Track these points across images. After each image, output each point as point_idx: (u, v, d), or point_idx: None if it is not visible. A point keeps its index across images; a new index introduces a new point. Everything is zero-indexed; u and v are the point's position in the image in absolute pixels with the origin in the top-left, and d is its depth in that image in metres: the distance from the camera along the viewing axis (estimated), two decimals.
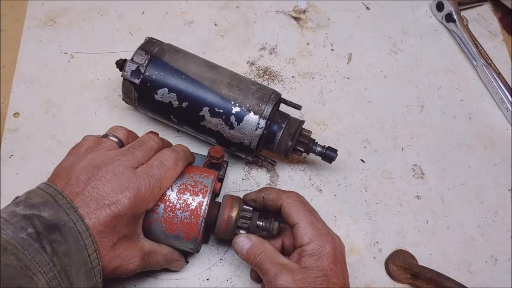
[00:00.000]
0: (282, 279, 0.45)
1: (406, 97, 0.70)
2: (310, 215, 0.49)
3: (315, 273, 0.45)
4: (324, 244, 0.47)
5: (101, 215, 0.42)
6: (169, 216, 0.48)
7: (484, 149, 0.66)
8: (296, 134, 0.55)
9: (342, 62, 0.72)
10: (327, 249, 0.47)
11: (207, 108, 0.54)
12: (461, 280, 0.53)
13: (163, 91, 0.54)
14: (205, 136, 0.58)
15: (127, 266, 0.45)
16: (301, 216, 0.48)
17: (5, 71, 0.66)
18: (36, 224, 0.39)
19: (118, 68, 0.57)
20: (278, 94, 0.56)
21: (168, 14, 0.73)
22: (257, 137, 0.54)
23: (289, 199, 0.50)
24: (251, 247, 0.48)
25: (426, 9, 0.78)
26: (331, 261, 0.46)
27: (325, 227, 0.49)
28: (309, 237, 0.47)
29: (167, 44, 0.58)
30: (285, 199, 0.50)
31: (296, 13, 0.76)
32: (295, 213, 0.49)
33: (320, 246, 0.47)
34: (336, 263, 0.47)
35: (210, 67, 0.56)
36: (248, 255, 0.48)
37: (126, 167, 0.45)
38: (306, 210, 0.49)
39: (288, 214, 0.49)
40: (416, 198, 0.62)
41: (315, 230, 0.48)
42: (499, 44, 0.76)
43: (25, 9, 0.71)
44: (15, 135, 0.61)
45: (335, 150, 0.57)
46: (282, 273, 0.45)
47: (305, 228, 0.48)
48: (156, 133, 0.52)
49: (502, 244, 0.60)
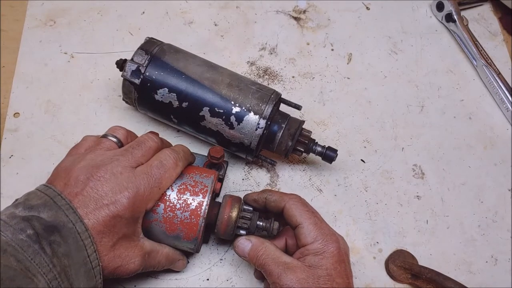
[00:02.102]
0: (286, 279, 0.45)
1: (406, 97, 0.70)
2: (313, 215, 0.49)
3: (319, 272, 0.45)
4: (328, 243, 0.47)
5: (100, 215, 0.42)
6: (169, 216, 0.48)
7: (484, 149, 0.66)
8: (296, 134, 0.55)
9: (342, 62, 0.72)
10: (331, 249, 0.47)
11: (207, 108, 0.54)
12: (461, 280, 0.53)
13: (163, 91, 0.54)
14: (205, 136, 0.58)
15: (128, 266, 0.45)
16: (305, 217, 0.48)
17: (5, 71, 0.66)
18: (35, 226, 0.39)
19: (118, 68, 0.57)
20: (278, 94, 0.56)
21: (168, 14, 0.73)
22: (257, 137, 0.54)
23: (292, 201, 0.50)
24: (252, 248, 0.48)
25: (426, 9, 0.78)
26: (335, 261, 0.46)
27: (328, 228, 0.49)
28: (313, 236, 0.47)
29: (167, 44, 0.58)
30: (288, 201, 0.50)
31: (296, 13, 0.76)
32: (298, 214, 0.49)
33: (324, 246, 0.47)
34: (340, 263, 0.46)
35: (210, 67, 0.56)
36: (251, 257, 0.48)
37: (125, 167, 0.45)
38: (309, 211, 0.49)
39: (291, 216, 0.49)
40: (416, 198, 0.62)
41: (318, 230, 0.48)
42: (499, 44, 0.76)
43: (25, 9, 0.71)
44: (15, 135, 0.61)
45: (335, 150, 0.57)
46: (285, 273, 0.45)
47: (309, 228, 0.48)
48: (155, 133, 0.52)
49: (502, 244, 0.60)
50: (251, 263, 0.49)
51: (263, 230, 0.51)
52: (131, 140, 0.50)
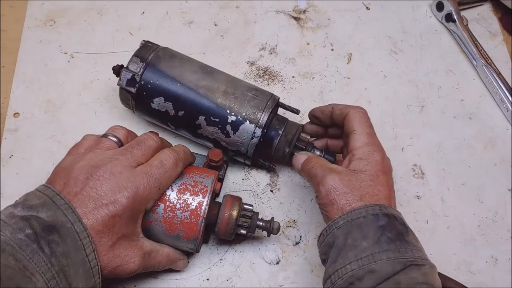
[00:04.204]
0: (329, 178, 0.47)
1: (406, 97, 0.70)
2: (370, 127, 0.51)
3: (363, 176, 0.46)
4: (374, 152, 0.49)
5: (99, 215, 0.42)
6: (169, 216, 0.48)
7: (484, 149, 0.66)
8: (293, 141, 0.55)
9: (342, 62, 0.72)
10: (376, 157, 0.48)
11: (203, 117, 0.54)
12: (461, 280, 0.53)
13: (159, 100, 0.54)
14: (203, 142, 0.57)
15: (127, 266, 0.45)
16: (361, 125, 0.50)
17: (5, 71, 0.66)
18: (34, 225, 0.39)
19: (114, 74, 0.57)
20: (275, 100, 0.55)
21: (168, 14, 0.73)
22: (253, 145, 0.54)
23: (357, 110, 0.52)
24: (307, 159, 0.51)
25: (426, 9, 0.78)
26: (379, 169, 0.47)
27: (379, 141, 0.51)
28: (362, 141, 0.49)
29: (163, 49, 0.57)
30: (353, 109, 0.52)
31: (296, 13, 0.76)
32: (357, 121, 0.51)
33: (370, 152, 0.48)
34: (383, 173, 0.48)
35: (206, 73, 0.56)
36: (302, 166, 0.51)
37: (125, 166, 0.45)
38: (367, 122, 0.51)
39: (350, 121, 0.51)
40: (416, 198, 0.62)
41: (369, 138, 0.50)
42: (499, 44, 0.76)
43: (25, 9, 0.71)
44: (15, 135, 0.61)
45: (333, 154, 0.57)
46: (330, 174, 0.47)
47: (361, 134, 0.50)
48: (155, 133, 0.52)
49: (502, 244, 0.60)
50: (301, 173, 0.52)
51: (263, 230, 0.52)
52: (131, 139, 0.50)
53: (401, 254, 0.42)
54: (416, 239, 0.45)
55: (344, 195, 0.45)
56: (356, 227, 0.44)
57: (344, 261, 0.43)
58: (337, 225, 0.45)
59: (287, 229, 0.58)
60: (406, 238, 0.43)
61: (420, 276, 0.41)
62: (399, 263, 0.41)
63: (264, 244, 0.57)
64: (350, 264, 0.42)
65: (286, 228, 0.58)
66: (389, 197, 0.47)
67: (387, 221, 0.44)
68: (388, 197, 0.47)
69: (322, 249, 0.47)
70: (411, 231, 0.45)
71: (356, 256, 0.42)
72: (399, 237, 0.43)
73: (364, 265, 0.41)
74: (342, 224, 0.44)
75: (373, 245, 0.42)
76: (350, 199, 0.45)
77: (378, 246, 0.42)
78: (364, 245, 0.43)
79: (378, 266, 0.41)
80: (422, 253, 0.44)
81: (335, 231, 0.45)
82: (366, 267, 0.41)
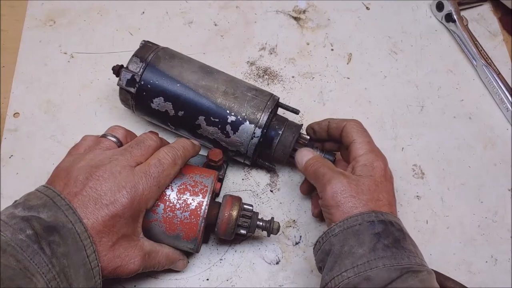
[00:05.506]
0: (337, 180, 0.47)
1: (406, 97, 0.70)
2: (368, 136, 0.53)
3: (368, 181, 0.47)
4: (377, 159, 0.50)
5: (99, 215, 0.42)
6: (169, 216, 0.48)
7: (484, 149, 0.66)
8: (292, 141, 0.55)
9: (342, 62, 0.72)
10: (380, 164, 0.49)
11: (202, 117, 0.54)
12: (461, 280, 0.53)
13: (159, 100, 0.54)
14: (203, 142, 0.57)
15: (128, 266, 0.45)
16: (360, 135, 0.52)
17: (5, 71, 0.66)
18: (34, 226, 0.39)
19: (114, 74, 0.57)
20: (275, 100, 0.55)
21: (168, 14, 0.73)
22: (253, 145, 0.54)
23: (353, 122, 0.54)
24: (312, 158, 0.52)
25: (426, 9, 0.78)
26: (382, 175, 0.49)
27: (379, 149, 0.52)
28: (364, 149, 0.51)
29: (163, 49, 0.57)
30: (349, 121, 0.54)
31: (296, 13, 0.76)
32: (355, 131, 0.52)
33: (373, 159, 0.50)
34: (386, 180, 0.49)
35: (205, 73, 0.56)
36: (306, 165, 0.52)
37: (124, 166, 0.45)
38: (366, 132, 0.53)
39: (348, 133, 0.52)
40: (416, 198, 0.62)
41: (370, 146, 0.52)
42: (499, 44, 0.76)
43: (25, 9, 0.71)
44: (15, 135, 0.61)
45: (333, 153, 0.57)
46: (339, 176, 0.48)
47: (362, 143, 0.51)
48: (155, 132, 0.52)
49: (502, 244, 0.60)
50: (304, 171, 0.53)
51: (263, 230, 0.52)
52: (130, 139, 0.50)
53: (397, 261, 0.42)
54: (414, 244, 0.45)
55: (350, 198, 0.46)
56: (352, 234, 0.44)
57: (341, 268, 0.43)
58: (333, 232, 0.45)
59: (287, 229, 0.58)
60: (403, 245, 0.44)
61: (418, 283, 0.41)
62: (395, 270, 0.41)
63: (264, 244, 0.57)
64: (346, 272, 0.42)
65: (286, 228, 0.58)
66: (391, 203, 0.48)
67: (383, 227, 0.44)
68: (390, 203, 0.47)
69: (318, 256, 0.47)
70: (408, 237, 0.45)
71: (352, 263, 0.43)
72: (395, 243, 0.43)
73: (360, 272, 0.42)
74: (338, 232, 0.45)
75: (369, 252, 0.43)
76: (357, 203, 0.46)
77: (374, 253, 0.42)
78: (360, 252, 0.43)
79: (374, 273, 0.41)
80: (420, 259, 0.44)
81: (331, 239, 0.45)
82: (362, 274, 0.42)
